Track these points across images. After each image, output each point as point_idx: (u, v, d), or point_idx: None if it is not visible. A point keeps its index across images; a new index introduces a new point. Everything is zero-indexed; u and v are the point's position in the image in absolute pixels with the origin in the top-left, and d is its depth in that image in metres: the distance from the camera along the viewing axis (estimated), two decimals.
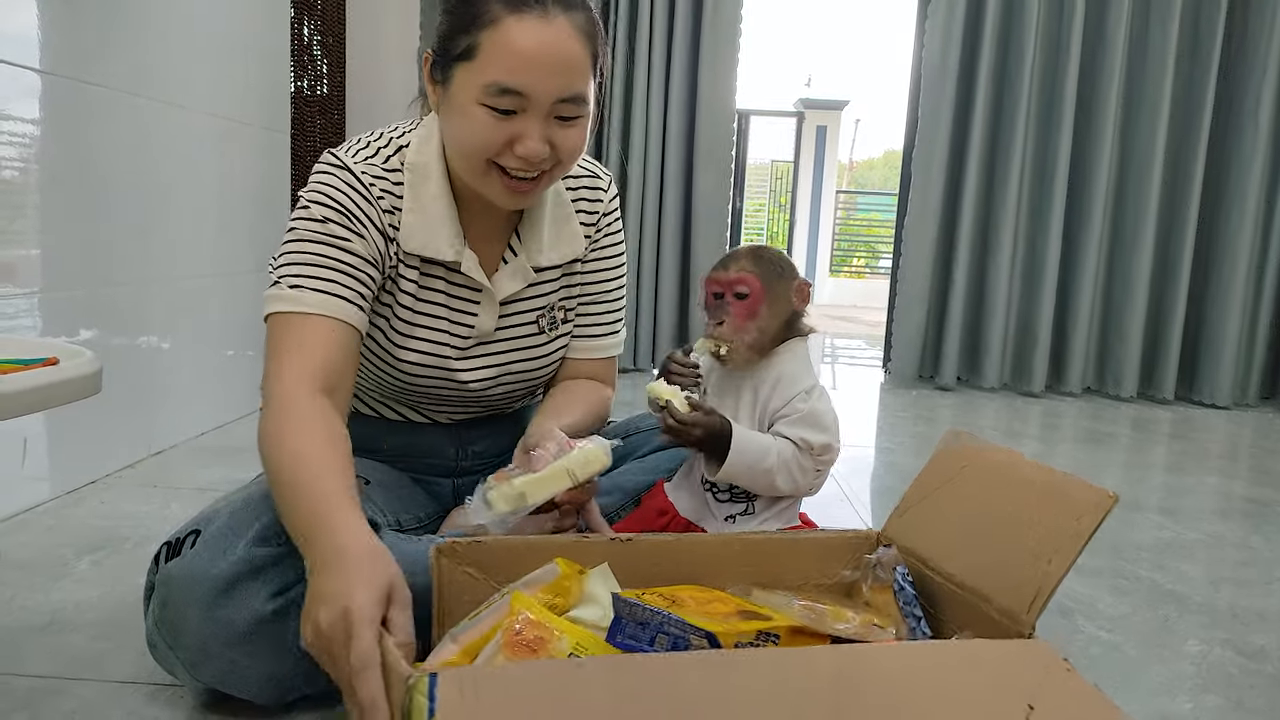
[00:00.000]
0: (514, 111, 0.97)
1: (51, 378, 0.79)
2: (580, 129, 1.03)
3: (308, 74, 2.80)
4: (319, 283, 1.00)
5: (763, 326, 1.07)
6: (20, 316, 1.54)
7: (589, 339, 1.26)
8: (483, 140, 0.99)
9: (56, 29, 1.59)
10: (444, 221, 1.09)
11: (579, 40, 0.98)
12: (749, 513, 1.09)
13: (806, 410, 1.06)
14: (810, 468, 1.06)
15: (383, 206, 1.07)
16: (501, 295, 1.15)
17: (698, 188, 3.60)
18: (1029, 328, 3.57)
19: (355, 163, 1.07)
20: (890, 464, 2.36)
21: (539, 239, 1.16)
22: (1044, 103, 3.48)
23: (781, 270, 1.09)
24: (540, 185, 1.05)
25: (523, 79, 0.95)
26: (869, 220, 12.58)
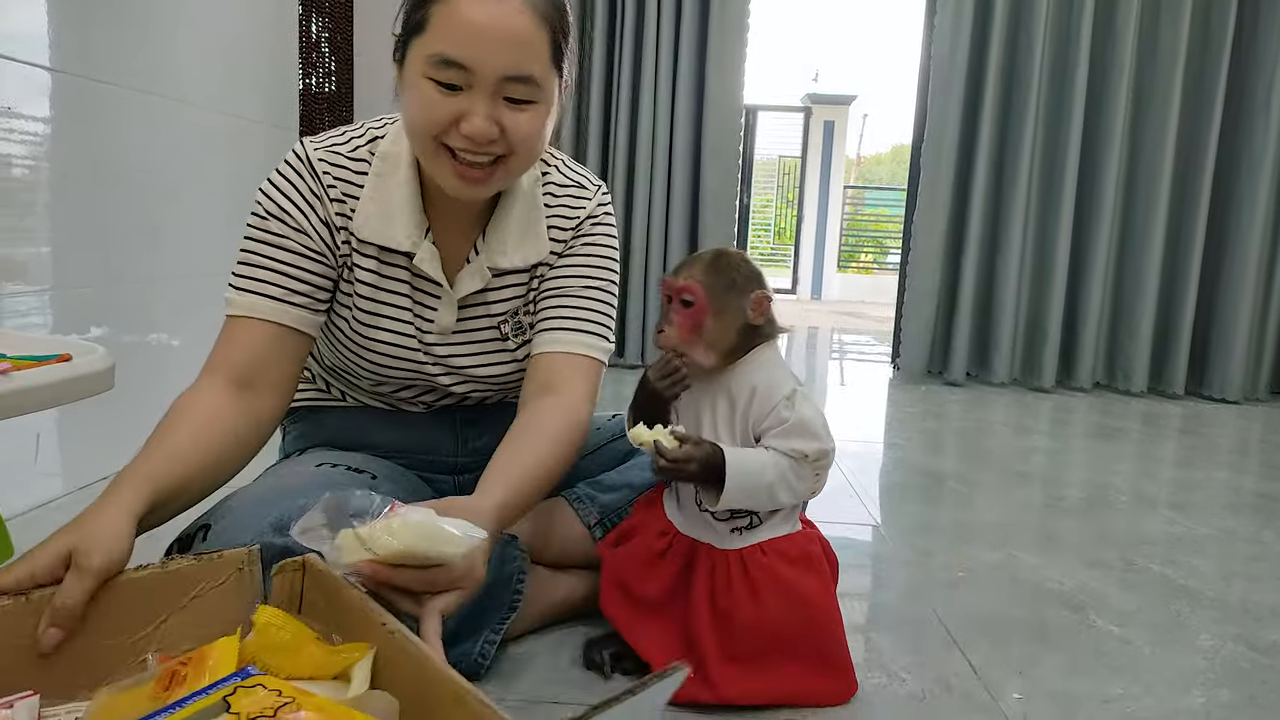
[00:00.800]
0: (460, 87, 0.94)
1: (65, 374, 0.80)
2: (533, 115, 0.98)
3: (316, 71, 2.81)
4: (253, 283, 1.02)
5: (710, 340, 1.03)
6: (31, 314, 1.55)
7: (567, 332, 1.13)
8: (428, 116, 0.96)
9: (66, 28, 1.59)
10: (404, 211, 1.07)
11: (532, 19, 0.94)
12: (753, 525, 1.06)
13: (793, 420, 1.02)
14: (808, 474, 1.03)
15: (332, 195, 1.06)
16: (460, 293, 1.11)
17: (705, 183, 3.59)
18: (1039, 323, 3.55)
19: (316, 150, 1.06)
20: (899, 460, 2.36)
21: (503, 241, 1.12)
22: (1053, 96, 3.46)
23: (734, 282, 1.04)
24: (495, 176, 1.00)
25: (465, 51, 0.93)
26: (877, 215, 12.53)
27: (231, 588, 0.81)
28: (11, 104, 1.48)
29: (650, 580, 1.09)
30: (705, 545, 1.07)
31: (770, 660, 1.02)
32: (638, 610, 1.09)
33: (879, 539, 1.69)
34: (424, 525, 0.78)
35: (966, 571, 1.53)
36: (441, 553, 0.78)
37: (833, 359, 4.60)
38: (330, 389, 1.24)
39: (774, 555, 1.04)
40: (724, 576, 1.04)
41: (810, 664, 1.02)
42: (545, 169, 1.16)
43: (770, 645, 1.02)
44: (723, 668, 1.02)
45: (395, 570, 0.77)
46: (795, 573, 1.04)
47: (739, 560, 1.04)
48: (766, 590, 1.02)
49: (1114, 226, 3.49)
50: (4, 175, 1.49)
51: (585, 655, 1.12)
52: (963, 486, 2.09)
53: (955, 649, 1.22)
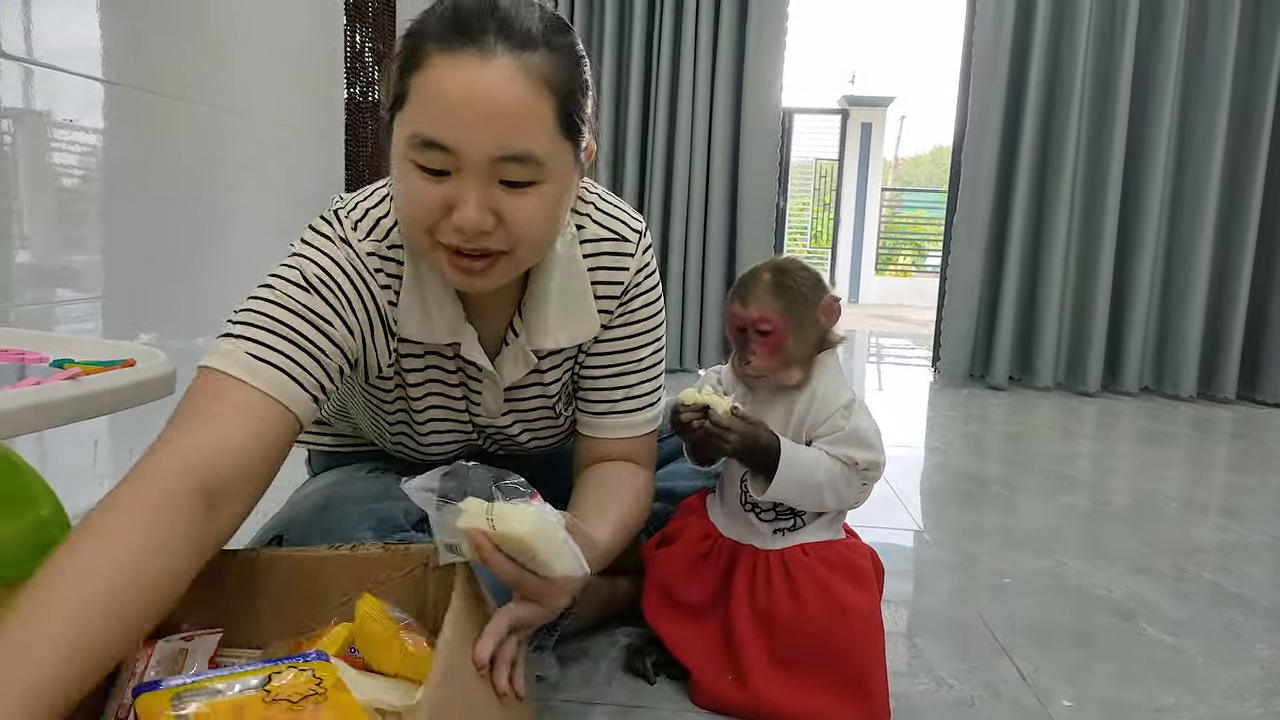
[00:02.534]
0: (446, 172, 0.80)
1: (130, 379, 0.82)
2: (537, 199, 0.83)
3: (359, 80, 2.85)
4: (279, 356, 0.83)
5: (791, 355, 1.04)
6: (83, 320, 1.59)
7: (615, 415, 1.05)
8: (414, 207, 0.82)
9: (120, 40, 1.64)
10: (440, 302, 0.94)
11: (527, 85, 0.78)
12: (797, 527, 1.06)
13: (849, 429, 1.03)
14: (856, 483, 1.04)
15: (385, 299, 0.93)
16: (507, 381, 1.01)
17: (743, 187, 3.59)
18: (1083, 326, 3.50)
19: (360, 241, 0.91)
20: (941, 464, 2.34)
21: (543, 319, 0.98)
22: (1097, 97, 3.41)
23: (806, 297, 1.03)
24: (498, 268, 0.86)
25: (445, 130, 0.78)
26: (915, 218, 12.42)
27: (415, 580, 0.85)
28: (73, 117, 1.53)
29: (693, 584, 1.09)
30: (748, 547, 1.07)
31: (808, 669, 1.01)
32: (680, 615, 1.10)
33: (922, 544, 1.68)
34: (550, 529, 0.78)
35: (1012, 577, 1.51)
36: (549, 563, 0.78)
37: (870, 363, 4.57)
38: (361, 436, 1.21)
39: (815, 558, 1.04)
40: (764, 576, 1.05)
41: (844, 680, 1.00)
42: (579, 219, 1.00)
43: (809, 651, 1.01)
44: (761, 670, 1.01)
45: (499, 554, 0.76)
46: (837, 579, 1.03)
47: (780, 560, 1.05)
48: (806, 591, 1.02)
49: (1161, 227, 3.43)
50: (60, 185, 1.53)
51: (627, 661, 1.13)
52: (1007, 491, 2.07)
53: (1003, 655, 1.21)
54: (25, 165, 1.43)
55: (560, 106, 0.81)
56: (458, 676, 0.71)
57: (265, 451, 0.79)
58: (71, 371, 0.80)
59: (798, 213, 11.36)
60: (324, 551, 0.88)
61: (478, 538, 0.75)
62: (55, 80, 1.48)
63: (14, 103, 1.40)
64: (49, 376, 0.79)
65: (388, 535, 0.96)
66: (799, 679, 1.00)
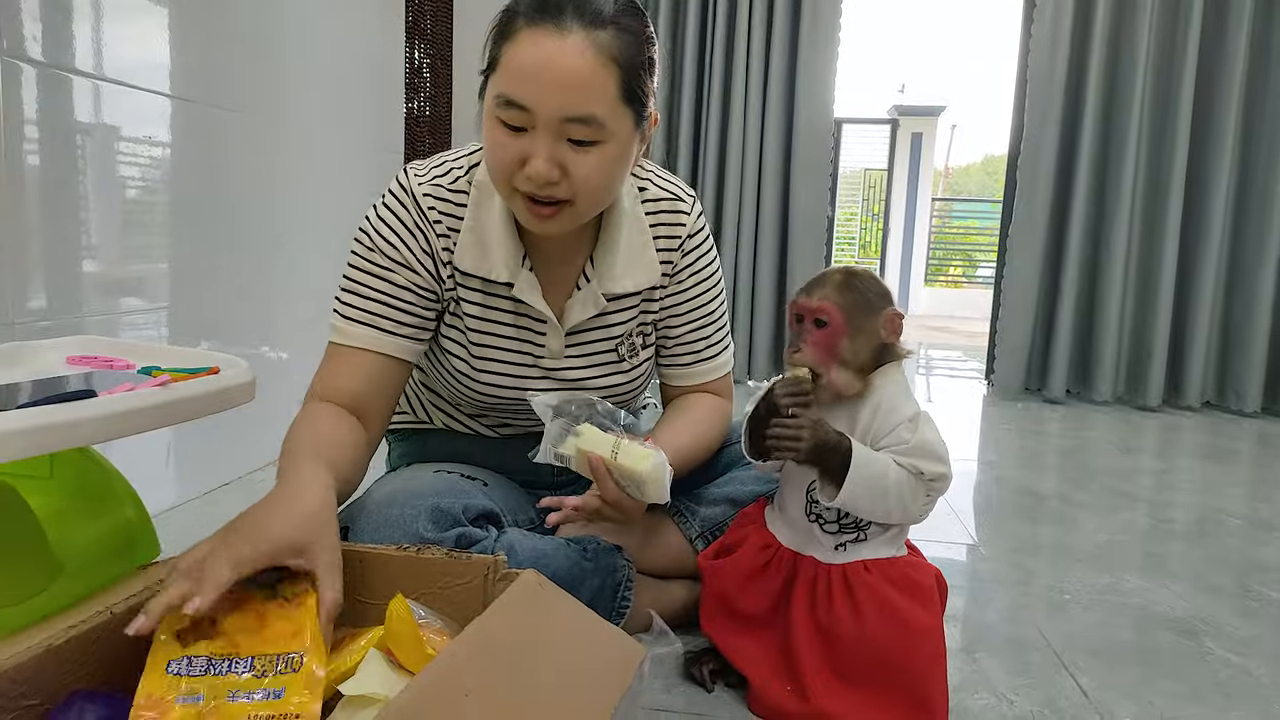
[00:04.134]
0: (523, 129, 0.94)
1: (215, 386, 0.86)
2: (598, 157, 0.96)
3: (418, 96, 2.92)
4: (361, 313, 1.06)
5: (844, 357, 1.02)
6: (148, 329, 1.64)
7: (701, 363, 1.23)
8: (497, 158, 0.97)
9: (187, 57, 1.69)
10: (501, 242, 1.08)
11: (595, 58, 0.92)
12: (859, 540, 1.05)
13: (916, 441, 1.01)
14: (921, 495, 1.01)
15: (438, 230, 1.07)
16: (571, 321, 1.13)
17: (795, 198, 3.59)
18: (1144, 339, 3.43)
19: (420, 183, 1.08)
20: (997, 478, 2.31)
21: (613, 265, 1.13)
22: (1158, 107, 3.35)
23: (870, 303, 1.03)
24: (562, 215, 1.00)
25: (523, 91, 0.92)
26: (966, 228, 12.26)
27: (476, 588, 0.88)
28: (135, 130, 1.58)
29: (751, 595, 1.09)
30: (808, 559, 1.06)
31: (868, 685, 1.00)
32: (738, 626, 1.10)
33: (979, 558, 1.67)
34: (661, 469, 0.99)
35: (1071, 594, 1.49)
36: (648, 493, 1.00)
37: (920, 374, 4.52)
38: (433, 418, 1.28)
39: (878, 574, 1.03)
40: (825, 591, 1.04)
41: (905, 697, 0.99)
42: (641, 183, 1.16)
43: (870, 667, 1.00)
44: (820, 682, 1.01)
45: (609, 478, 0.99)
46: (900, 596, 1.02)
47: (841, 576, 1.03)
48: (868, 607, 1.01)
49: (1224, 239, 3.35)
50: (127, 198, 1.58)
51: (685, 669, 1.13)
52: (1064, 506, 2.04)
53: (1064, 671, 1.20)
54: (94, 178, 1.49)
55: (623, 78, 0.95)
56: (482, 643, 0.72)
57: (373, 385, 1.06)
58: (161, 379, 0.84)
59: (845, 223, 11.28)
60: (391, 551, 0.91)
61: (598, 463, 0.99)
62: (123, 96, 1.54)
63: (84, 117, 1.46)
64: (140, 383, 0.83)
65: (445, 529, 1.00)
66: (859, 694, 1.00)
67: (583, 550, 1.11)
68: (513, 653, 0.69)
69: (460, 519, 1.02)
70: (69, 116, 1.42)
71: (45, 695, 0.68)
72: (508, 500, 1.18)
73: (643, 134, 1.02)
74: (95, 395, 0.74)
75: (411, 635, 0.78)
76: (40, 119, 1.36)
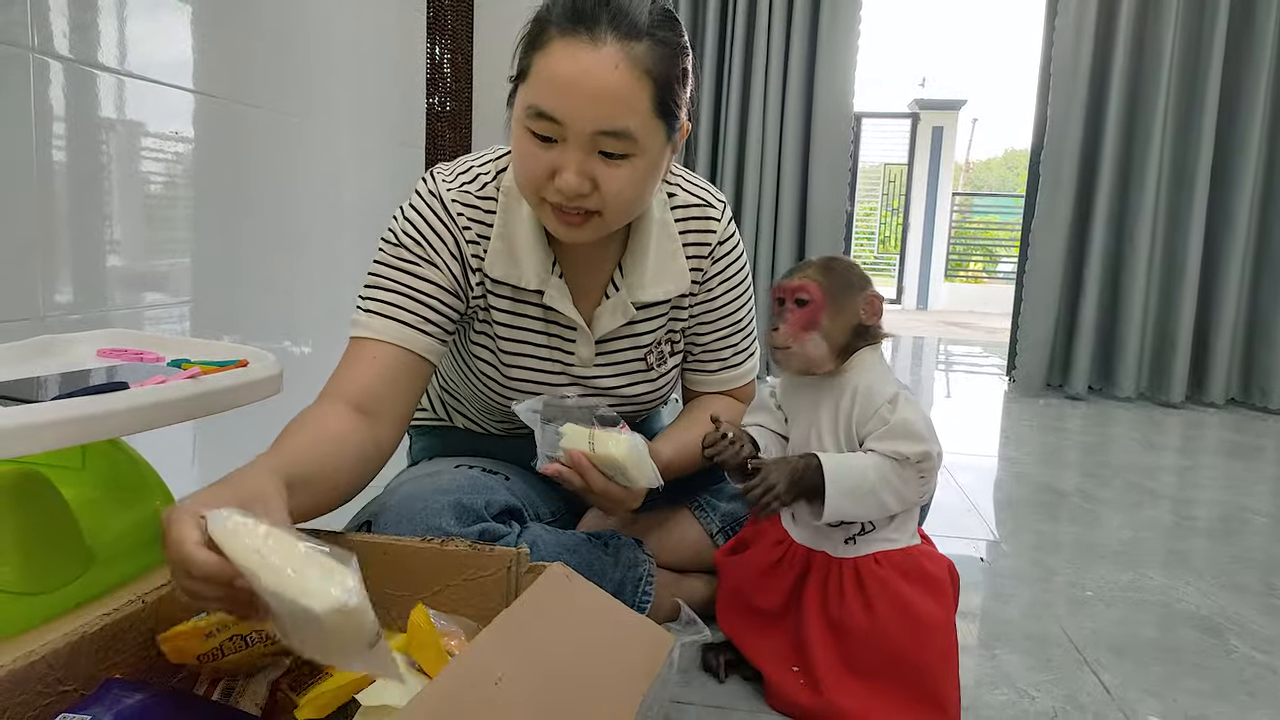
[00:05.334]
0: (554, 140, 0.93)
1: (244, 378, 0.87)
2: (630, 170, 0.95)
3: (438, 91, 2.93)
4: (384, 306, 1.02)
5: (825, 335, 1.02)
6: (171, 323, 1.65)
7: (727, 370, 1.22)
8: (526, 169, 0.96)
9: (210, 52, 1.71)
10: (530, 250, 1.07)
11: (629, 72, 0.90)
12: (866, 531, 1.05)
13: (895, 421, 1.00)
14: (913, 477, 1.01)
15: (467, 237, 1.06)
16: (600, 331, 1.12)
17: (813, 193, 3.58)
18: (1168, 335, 3.40)
19: (449, 189, 1.06)
20: (1018, 474, 2.30)
21: (642, 273, 1.11)
22: (1183, 99, 3.31)
23: (850, 283, 1.04)
24: (591, 225, 0.99)
25: (555, 104, 0.90)
26: (987, 223, 12.18)
27: (500, 580, 0.89)
28: (157, 124, 1.59)
29: (766, 591, 1.10)
30: (820, 554, 1.07)
31: (879, 679, 1.00)
32: (753, 621, 1.10)
33: (999, 554, 1.66)
34: (638, 452, 0.98)
35: (1093, 590, 1.48)
36: (633, 478, 0.98)
37: (939, 370, 4.50)
38: (453, 419, 1.29)
39: (889, 567, 1.03)
40: (837, 585, 1.04)
41: (916, 691, 0.99)
42: (670, 189, 1.15)
43: (881, 661, 1.00)
44: (833, 676, 1.01)
45: (594, 469, 0.97)
46: (912, 589, 1.02)
47: (853, 570, 1.04)
48: (879, 601, 1.01)
49: (1250, 234, 3.31)
50: (152, 193, 1.60)
51: (703, 659, 1.14)
52: (1086, 503, 2.03)
53: (1085, 668, 1.19)
54: (120, 173, 1.50)
55: (657, 92, 0.93)
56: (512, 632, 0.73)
57: (390, 380, 1.00)
58: (191, 371, 0.85)
59: (864, 218, 11.23)
60: (416, 543, 0.92)
61: (578, 456, 0.96)
62: (149, 91, 1.55)
63: (111, 112, 1.47)
64: (171, 376, 0.84)
65: (468, 524, 1.01)
66: (871, 688, 1.00)
67: (604, 545, 1.12)
68: (542, 641, 0.69)
69: (483, 514, 1.03)
70: (96, 112, 1.44)
71: (80, 681, 0.69)
72: (529, 495, 1.19)
73: (674, 145, 1.01)
74: (128, 387, 0.75)
75: (434, 645, 0.79)
76: (68, 115, 1.37)
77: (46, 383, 0.84)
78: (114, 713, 0.63)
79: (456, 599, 0.91)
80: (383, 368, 1.00)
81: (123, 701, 0.65)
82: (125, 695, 0.66)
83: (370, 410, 0.97)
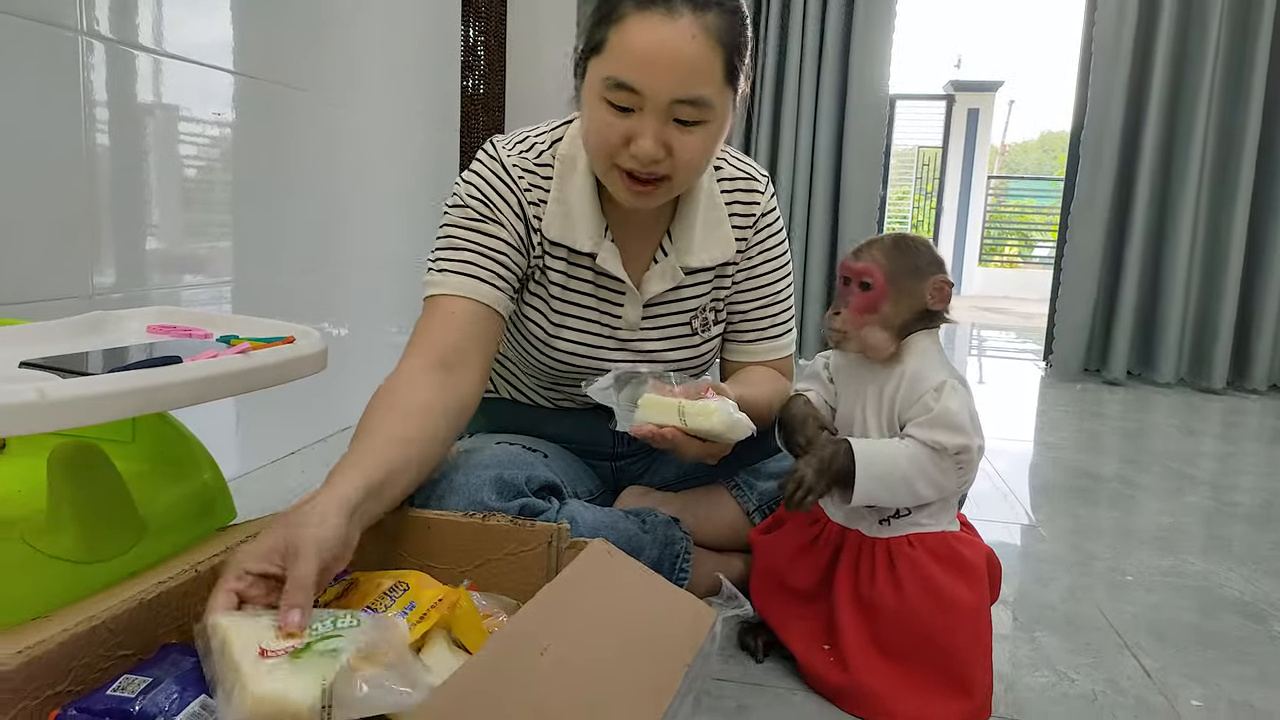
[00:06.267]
0: (631, 109, 0.97)
1: (291, 354, 0.88)
2: (702, 136, 1.00)
3: (472, 73, 2.94)
4: (455, 264, 1.07)
5: (885, 321, 1.01)
6: (211, 304, 1.68)
7: (763, 341, 1.25)
8: (602, 137, 1.00)
9: (250, 34, 1.72)
10: (585, 214, 1.11)
11: (705, 41, 0.95)
12: (902, 514, 1.03)
13: (938, 410, 0.98)
14: (950, 468, 0.99)
15: (528, 199, 1.11)
16: (647, 295, 1.16)
17: (847, 176, 3.55)
18: (1209, 320, 3.34)
19: (508, 155, 1.12)
20: (1055, 460, 2.28)
21: (690, 239, 1.16)
22: (1229, 80, 3.24)
23: (918, 266, 1.01)
24: (659, 191, 1.04)
25: (636, 75, 0.95)
26: (1022, 206, 12.00)
27: (540, 555, 0.90)
28: (198, 106, 1.61)
29: (800, 570, 1.09)
30: (854, 533, 1.05)
31: (908, 660, 0.99)
32: (787, 600, 1.10)
33: (1038, 539, 1.65)
34: (731, 417, 0.97)
35: (1133, 575, 1.47)
36: (728, 439, 0.98)
37: (972, 355, 4.45)
38: (498, 388, 1.31)
39: (922, 550, 1.02)
40: (869, 565, 1.03)
41: (945, 674, 0.98)
42: (717, 161, 1.19)
43: (910, 642, 0.99)
44: (861, 655, 1.00)
45: (688, 438, 0.97)
46: (944, 573, 1.00)
47: (885, 550, 1.03)
48: (910, 583, 1.00)
49: None
50: (193, 174, 1.62)
51: (739, 637, 1.14)
52: (1125, 488, 2.01)
53: (1126, 652, 1.18)
54: (162, 155, 1.52)
55: (727, 59, 0.98)
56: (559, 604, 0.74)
57: (470, 334, 1.05)
58: (241, 346, 0.86)
59: (897, 201, 11.11)
60: (458, 518, 0.93)
61: (671, 433, 0.96)
62: (190, 72, 1.57)
63: (153, 94, 1.49)
64: (221, 351, 0.86)
65: (509, 499, 1.02)
66: (899, 668, 0.99)
67: (641, 522, 1.13)
68: (586, 614, 0.70)
69: (524, 489, 1.04)
70: (140, 94, 1.46)
71: (138, 646, 0.71)
72: (568, 473, 1.21)
73: (736, 110, 1.05)
74: (180, 361, 0.77)
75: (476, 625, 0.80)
76: (114, 97, 1.40)
77: (100, 357, 0.85)
78: (174, 676, 0.65)
79: (498, 573, 0.92)
80: (462, 322, 1.05)
81: (181, 665, 0.67)
82: (183, 659, 0.68)
83: (454, 364, 1.02)
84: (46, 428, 0.64)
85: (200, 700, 0.64)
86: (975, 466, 1.02)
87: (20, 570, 0.78)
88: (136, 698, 0.63)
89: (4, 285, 1.21)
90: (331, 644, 0.65)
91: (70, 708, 0.63)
